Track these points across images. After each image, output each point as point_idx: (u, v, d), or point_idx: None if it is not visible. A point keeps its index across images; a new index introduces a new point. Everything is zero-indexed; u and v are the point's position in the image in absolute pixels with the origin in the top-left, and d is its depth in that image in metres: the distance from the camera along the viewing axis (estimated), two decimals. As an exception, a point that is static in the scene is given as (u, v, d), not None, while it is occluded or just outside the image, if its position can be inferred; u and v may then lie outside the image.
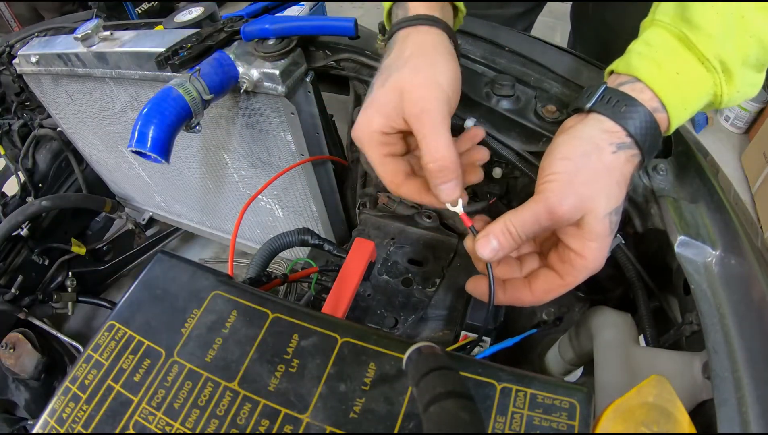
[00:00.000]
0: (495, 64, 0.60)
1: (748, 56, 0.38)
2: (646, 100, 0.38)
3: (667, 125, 0.39)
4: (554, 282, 0.41)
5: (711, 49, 0.37)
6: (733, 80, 0.38)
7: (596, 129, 0.38)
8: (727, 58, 0.37)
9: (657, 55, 0.38)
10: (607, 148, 0.37)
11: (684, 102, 0.38)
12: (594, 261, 0.39)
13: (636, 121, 0.37)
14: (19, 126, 1.10)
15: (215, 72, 0.58)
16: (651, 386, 0.32)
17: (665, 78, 0.38)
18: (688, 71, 0.38)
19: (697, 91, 0.39)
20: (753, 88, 0.40)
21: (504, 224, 0.38)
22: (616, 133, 0.38)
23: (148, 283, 0.43)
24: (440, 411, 0.28)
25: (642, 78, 0.38)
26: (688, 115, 0.40)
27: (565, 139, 0.39)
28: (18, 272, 1.04)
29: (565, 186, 0.37)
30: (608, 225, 0.38)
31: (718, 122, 1.90)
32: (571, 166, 0.37)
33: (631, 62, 0.39)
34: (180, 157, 0.87)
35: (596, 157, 0.37)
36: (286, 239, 0.61)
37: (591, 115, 0.39)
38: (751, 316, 0.37)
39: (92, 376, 0.38)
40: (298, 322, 0.40)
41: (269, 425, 0.35)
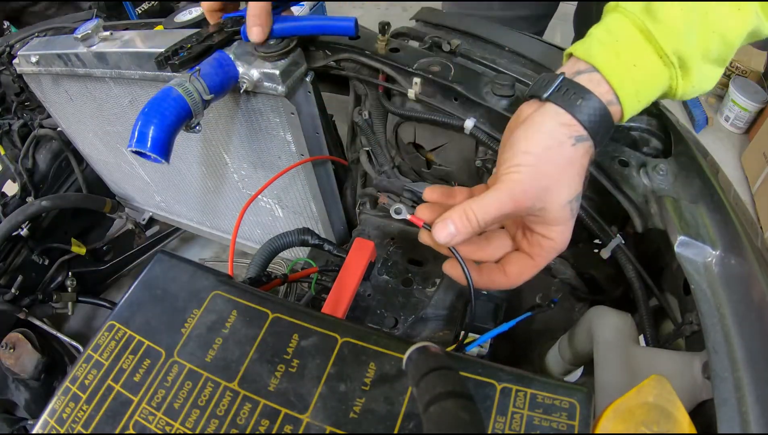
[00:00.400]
0: (495, 64, 0.60)
1: (710, 51, 0.38)
2: (602, 94, 0.38)
3: (620, 116, 0.40)
4: (526, 263, 0.43)
5: (670, 43, 0.37)
6: (689, 75, 0.39)
7: (555, 122, 0.39)
8: (685, 53, 0.38)
9: (617, 45, 0.39)
10: (567, 141, 0.38)
11: (638, 94, 0.39)
12: (561, 242, 0.41)
13: (591, 115, 0.38)
14: (19, 126, 1.10)
15: (215, 72, 0.58)
16: (651, 386, 0.32)
17: (622, 70, 0.38)
18: (645, 64, 0.38)
19: (652, 84, 0.39)
20: (710, 82, 0.40)
21: (463, 210, 0.39)
22: (573, 127, 0.38)
23: (148, 283, 0.43)
24: (440, 411, 0.28)
25: (600, 68, 0.39)
26: (641, 106, 0.40)
27: (526, 133, 0.39)
28: (18, 272, 1.04)
29: (528, 178, 0.38)
30: (569, 211, 0.40)
31: (718, 122, 1.90)
32: (534, 160, 0.38)
33: (591, 49, 0.40)
34: (180, 157, 0.87)
35: (558, 151, 0.38)
36: (286, 239, 0.61)
37: (547, 105, 0.39)
38: (751, 316, 0.37)
39: (92, 376, 0.38)
40: (298, 322, 0.40)
41: (269, 425, 0.35)
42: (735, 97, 1.79)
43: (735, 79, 1.82)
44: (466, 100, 0.57)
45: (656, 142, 0.53)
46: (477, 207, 0.38)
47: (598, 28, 0.41)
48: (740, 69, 1.84)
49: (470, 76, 0.58)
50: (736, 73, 1.85)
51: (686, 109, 1.92)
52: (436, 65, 0.59)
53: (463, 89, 0.56)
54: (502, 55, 0.62)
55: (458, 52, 0.62)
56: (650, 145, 0.53)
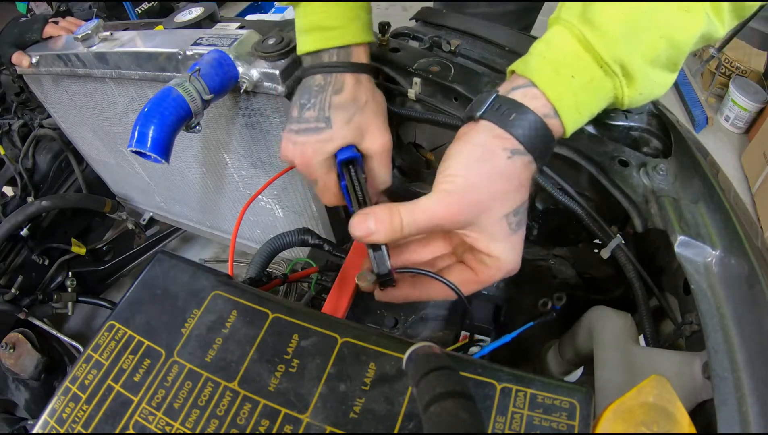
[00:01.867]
0: (495, 64, 0.60)
1: (658, 56, 0.37)
2: (538, 108, 0.37)
3: (562, 130, 0.38)
4: (468, 277, 0.41)
5: (610, 51, 0.36)
6: (634, 83, 0.37)
7: (487, 135, 0.38)
8: (628, 61, 0.36)
9: (555, 57, 0.38)
10: (500, 153, 0.37)
11: (578, 106, 0.38)
12: (507, 261, 0.39)
13: (525, 130, 0.37)
14: (19, 126, 1.10)
15: (215, 72, 0.58)
16: (651, 386, 0.32)
17: (560, 82, 0.37)
18: (585, 75, 0.37)
19: (594, 94, 0.38)
20: (661, 87, 0.39)
21: (390, 212, 0.37)
22: (507, 140, 0.37)
23: (148, 283, 0.43)
24: (440, 411, 0.28)
25: (537, 82, 0.37)
26: (584, 119, 0.39)
27: (460, 146, 0.39)
28: (18, 272, 1.04)
29: (461, 189, 0.37)
30: (506, 226, 0.38)
31: (718, 122, 1.90)
32: (465, 171, 0.37)
33: (530, 64, 0.39)
34: (180, 157, 0.87)
35: (490, 163, 0.37)
36: (286, 239, 0.61)
37: (481, 122, 0.39)
38: (751, 316, 0.37)
39: (92, 376, 0.38)
40: (298, 322, 0.40)
41: (269, 425, 0.35)
42: (735, 97, 1.80)
43: (735, 79, 1.82)
44: (466, 100, 0.57)
45: (656, 142, 0.53)
46: (405, 211, 0.37)
47: (539, 42, 0.40)
48: (740, 69, 1.84)
49: (470, 76, 0.58)
50: (736, 73, 1.85)
51: (686, 109, 1.92)
52: (436, 65, 0.59)
53: (463, 89, 0.56)
54: (502, 55, 0.62)
55: (458, 52, 0.62)
56: (650, 145, 0.53)
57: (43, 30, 0.84)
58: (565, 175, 0.52)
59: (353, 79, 0.51)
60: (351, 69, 0.51)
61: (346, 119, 0.49)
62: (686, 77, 2.01)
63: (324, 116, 0.49)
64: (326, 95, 0.50)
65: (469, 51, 0.63)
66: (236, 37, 0.62)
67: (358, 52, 0.52)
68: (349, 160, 0.51)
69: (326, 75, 0.51)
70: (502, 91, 0.39)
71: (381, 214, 0.38)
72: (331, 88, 0.50)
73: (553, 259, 0.60)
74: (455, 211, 0.37)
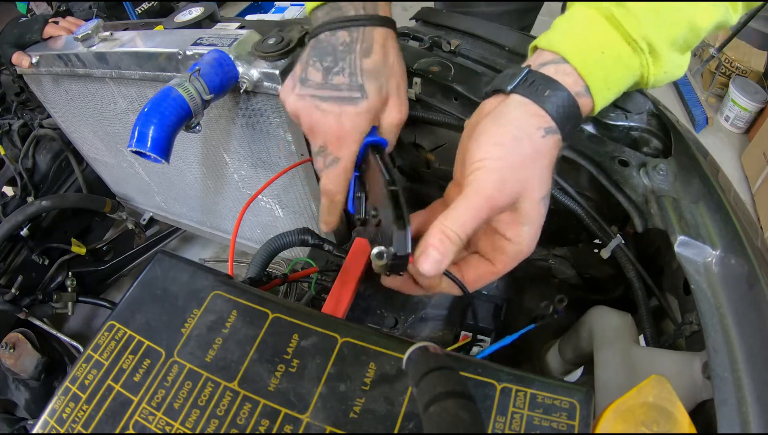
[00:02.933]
0: (495, 64, 0.60)
1: (678, 38, 0.37)
2: (570, 84, 0.37)
3: (591, 107, 0.38)
4: (486, 269, 0.40)
5: (638, 29, 0.36)
6: (659, 62, 0.37)
7: (522, 112, 0.36)
8: (654, 39, 0.36)
9: (582, 33, 0.37)
10: (536, 132, 0.36)
11: (607, 82, 0.37)
12: (527, 246, 0.38)
13: (559, 107, 0.36)
14: (19, 126, 1.10)
15: (215, 72, 0.58)
16: (651, 386, 0.32)
17: (590, 57, 0.37)
18: (614, 50, 0.37)
19: (623, 71, 0.38)
20: (680, 69, 0.39)
21: (440, 231, 0.35)
22: (542, 118, 0.36)
23: (148, 283, 0.43)
24: (440, 411, 0.28)
25: (567, 56, 0.37)
26: (612, 96, 0.39)
27: (492, 124, 0.37)
28: (18, 272, 1.04)
29: (500, 172, 0.35)
30: (542, 209, 0.37)
31: (718, 122, 1.90)
32: (503, 152, 0.35)
33: (555, 39, 0.38)
34: (180, 157, 0.87)
35: (528, 142, 0.36)
36: (286, 239, 0.61)
37: (513, 96, 0.37)
38: (751, 316, 0.37)
39: (92, 376, 0.38)
40: (298, 322, 0.40)
41: (269, 425, 0.35)
42: (735, 97, 1.80)
43: (735, 79, 1.82)
44: (466, 100, 0.57)
45: (656, 142, 0.53)
46: (451, 221, 0.35)
47: (561, 19, 0.39)
48: (740, 69, 1.84)
49: (470, 76, 0.58)
50: (736, 73, 1.85)
51: (686, 109, 1.92)
52: (436, 65, 0.59)
53: (463, 89, 0.56)
54: (502, 55, 0.62)
55: (458, 52, 0.62)
56: (650, 145, 0.53)
57: (43, 30, 0.84)
58: (565, 175, 0.52)
59: (382, 37, 0.44)
60: (379, 23, 0.44)
61: (377, 88, 0.43)
62: (686, 77, 2.01)
63: (357, 83, 0.43)
64: (355, 57, 0.43)
65: (469, 51, 0.63)
66: (236, 37, 0.62)
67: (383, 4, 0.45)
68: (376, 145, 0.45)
69: (352, 31, 0.43)
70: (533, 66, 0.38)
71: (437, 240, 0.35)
72: (359, 48, 0.43)
73: (553, 259, 0.60)
74: (497, 197, 0.35)
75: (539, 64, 0.38)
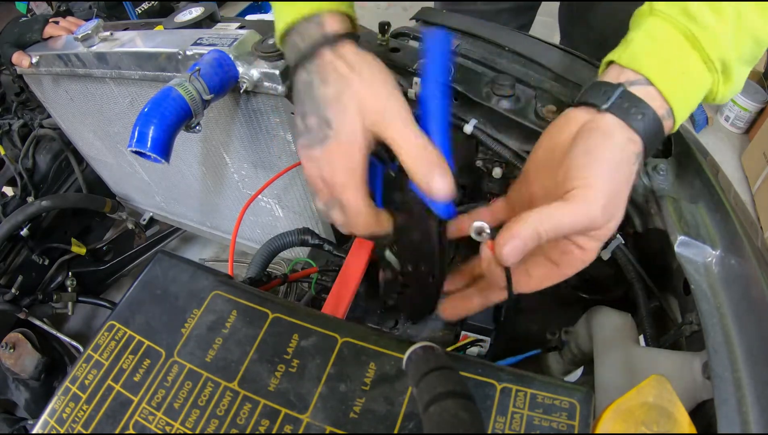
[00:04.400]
0: (495, 64, 0.60)
1: (743, 53, 0.38)
2: (657, 108, 0.37)
3: (671, 129, 0.39)
4: (552, 271, 0.40)
5: (716, 50, 0.36)
6: (730, 80, 0.38)
7: (624, 137, 0.36)
8: (728, 58, 0.37)
9: (664, 54, 0.37)
10: (632, 158, 0.36)
11: (687, 103, 0.38)
12: (594, 256, 0.39)
13: (648, 132, 0.37)
14: (19, 126, 1.10)
15: (215, 72, 0.58)
16: (651, 386, 0.32)
17: (673, 79, 0.37)
18: (693, 72, 0.37)
19: (699, 91, 0.38)
20: (742, 83, 0.40)
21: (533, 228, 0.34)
22: (636, 143, 0.37)
23: (148, 283, 0.43)
24: (440, 411, 0.28)
25: (651, 78, 0.37)
26: (687, 115, 0.39)
27: (597, 143, 0.36)
28: (18, 272, 1.04)
29: (606, 196, 0.35)
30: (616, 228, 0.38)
31: (718, 122, 1.90)
32: (608, 175, 0.35)
33: (637, 56, 0.38)
34: (180, 157, 0.87)
35: (626, 168, 0.36)
36: (286, 239, 0.61)
37: (608, 116, 0.37)
38: (751, 316, 0.37)
39: (92, 376, 0.38)
40: (298, 322, 0.40)
41: (269, 425, 0.35)
42: (735, 97, 1.79)
43: (735, 79, 1.82)
44: (466, 100, 0.57)
45: (656, 142, 0.53)
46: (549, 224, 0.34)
47: (638, 35, 0.39)
48: (740, 69, 1.84)
49: (470, 76, 0.58)
50: (736, 73, 1.85)
51: (686, 109, 1.92)
52: (436, 65, 0.59)
53: (463, 89, 0.56)
54: (502, 55, 0.62)
55: (458, 52, 0.62)
56: (650, 145, 0.53)
57: (44, 30, 0.84)
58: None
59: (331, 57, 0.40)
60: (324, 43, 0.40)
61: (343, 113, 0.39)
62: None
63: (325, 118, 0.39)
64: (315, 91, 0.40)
65: (470, 51, 0.63)
66: (236, 37, 0.62)
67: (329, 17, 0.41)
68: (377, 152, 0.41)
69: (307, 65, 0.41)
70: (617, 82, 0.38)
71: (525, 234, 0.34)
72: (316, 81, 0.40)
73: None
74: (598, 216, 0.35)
75: (625, 82, 0.38)
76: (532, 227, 0.34)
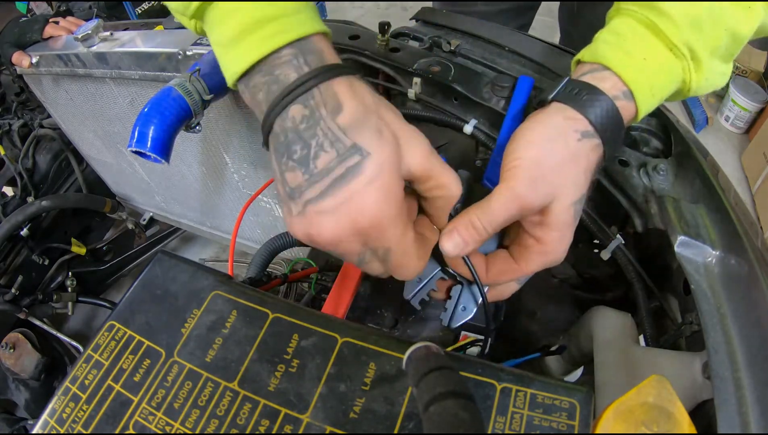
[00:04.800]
0: (495, 64, 0.60)
1: (718, 47, 0.38)
2: (608, 89, 0.37)
3: (634, 113, 0.39)
4: (509, 266, 0.40)
5: (679, 36, 0.37)
6: (701, 68, 0.38)
7: (559, 116, 0.37)
8: (696, 46, 0.37)
9: (625, 43, 0.38)
10: (572, 134, 0.37)
11: (652, 88, 0.38)
12: (554, 251, 0.38)
13: (597, 110, 0.37)
14: (19, 126, 1.10)
15: (215, 72, 0.58)
16: (651, 386, 0.32)
17: (633, 64, 0.37)
18: (656, 57, 0.37)
19: (666, 77, 0.38)
20: (722, 77, 0.40)
21: (468, 219, 0.36)
22: (579, 121, 0.37)
23: (148, 283, 0.43)
24: (440, 411, 0.28)
25: (609, 65, 0.38)
26: (656, 102, 0.39)
27: (529, 126, 0.38)
28: (18, 272, 1.04)
29: (532, 171, 0.36)
30: (572, 214, 0.37)
31: (718, 122, 1.90)
32: (537, 152, 0.36)
33: (598, 50, 0.39)
34: (180, 157, 0.87)
35: (562, 144, 0.36)
36: (286, 239, 0.61)
37: (552, 104, 0.38)
38: (751, 316, 0.37)
39: (92, 376, 0.38)
40: (298, 322, 0.40)
41: (269, 425, 0.35)
42: (735, 97, 1.80)
43: (735, 79, 1.82)
44: (466, 100, 0.57)
45: (656, 142, 0.53)
46: (481, 212, 0.36)
47: (602, 33, 0.40)
48: (740, 69, 1.84)
49: (470, 76, 0.58)
50: (736, 73, 1.85)
51: (686, 109, 1.92)
52: (436, 65, 0.59)
53: (463, 89, 0.56)
54: (502, 55, 0.62)
55: (458, 52, 0.62)
56: (650, 145, 0.53)
57: (44, 30, 0.84)
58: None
59: (345, 86, 0.33)
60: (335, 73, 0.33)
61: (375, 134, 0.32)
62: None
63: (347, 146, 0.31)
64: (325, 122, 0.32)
65: (470, 51, 0.63)
66: (236, 37, 0.62)
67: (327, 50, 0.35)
68: None
69: (306, 99, 0.32)
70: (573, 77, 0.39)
71: (462, 226, 0.36)
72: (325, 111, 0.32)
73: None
74: (527, 195, 0.35)
75: (580, 74, 0.39)
76: (467, 219, 0.36)
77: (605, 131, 0.37)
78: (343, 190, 0.31)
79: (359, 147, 0.31)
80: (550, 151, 0.36)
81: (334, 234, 0.32)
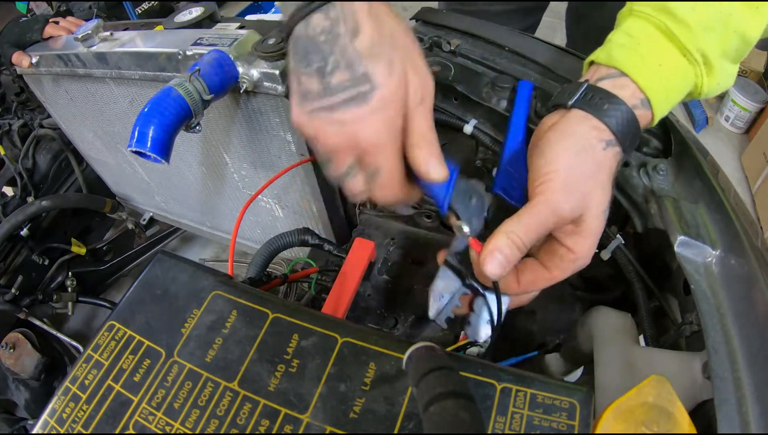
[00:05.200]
0: (495, 64, 0.60)
1: (729, 50, 0.38)
2: (628, 97, 0.38)
3: (650, 119, 0.39)
4: (542, 274, 0.40)
5: (692, 41, 0.37)
6: (713, 72, 0.39)
7: (585, 126, 0.38)
8: (708, 50, 0.38)
9: (639, 47, 0.38)
10: (597, 144, 0.37)
11: (667, 94, 0.39)
12: (584, 257, 0.39)
13: (618, 119, 0.38)
14: (19, 126, 1.10)
15: (215, 72, 0.58)
16: (651, 386, 0.32)
17: (649, 70, 0.38)
18: (670, 62, 0.38)
19: (679, 82, 0.39)
20: (730, 78, 0.40)
21: (507, 237, 0.36)
22: (603, 131, 0.38)
23: (148, 283, 0.43)
24: (440, 411, 0.28)
25: (626, 70, 0.38)
26: (670, 107, 0.40)
27: (557, 137, 0.38)
28: (18, 272, 1.04)
29: (565, 184, 0.36)
30: (603, 221, 0.38)
31: (718, 122, 1.90)
32: (568, 163, 0.37)
33: (613, 53, 0.39)
34: (180, 157, 0.87)
35: (590, 154, 0.37)
36: (286, 239, 0.61)
37: (573, 111, 0.39)
38: (751, 316, 0.37)
39: (92, 376, 0.38)
40: (298, 322, 0.40)
41: (269, 425, 0.35)
42: (735, 97, 1.79)
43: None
44: (466, 100, 0.57)
45: (656, 142, 0.53)
46: (520, 229, 0.36)
47: (616, 34, 0.40)
48: (740, 69, 1.84)
49: (470, 76, 0.58)
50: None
51: (686, 109, 1.92)
52: (436, 65, 0.59)
53: (463, 89, 0.56)
54: (502, 55, 0.62)
55: (458, 52, 0.62)
56: (650, 145, 0.53)
57: (44, 30, 0.84)
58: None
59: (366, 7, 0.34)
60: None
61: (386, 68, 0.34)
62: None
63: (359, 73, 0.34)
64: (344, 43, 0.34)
65: (470, 51, 0.63)
66: (236, 37, 0.62)
67: None
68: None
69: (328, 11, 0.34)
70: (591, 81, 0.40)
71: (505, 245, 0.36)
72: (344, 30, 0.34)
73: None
74: (563, 208, 0.36)
75: (597, 78, 0.39)
76: (506, 237, 0.36)
77: (625, 139, 0.38)
78: (350, 112, 0.34)
79: (369, 77, 0.34)
80: (580, 162, 0.37)
81: (335, 143, 0.36)
